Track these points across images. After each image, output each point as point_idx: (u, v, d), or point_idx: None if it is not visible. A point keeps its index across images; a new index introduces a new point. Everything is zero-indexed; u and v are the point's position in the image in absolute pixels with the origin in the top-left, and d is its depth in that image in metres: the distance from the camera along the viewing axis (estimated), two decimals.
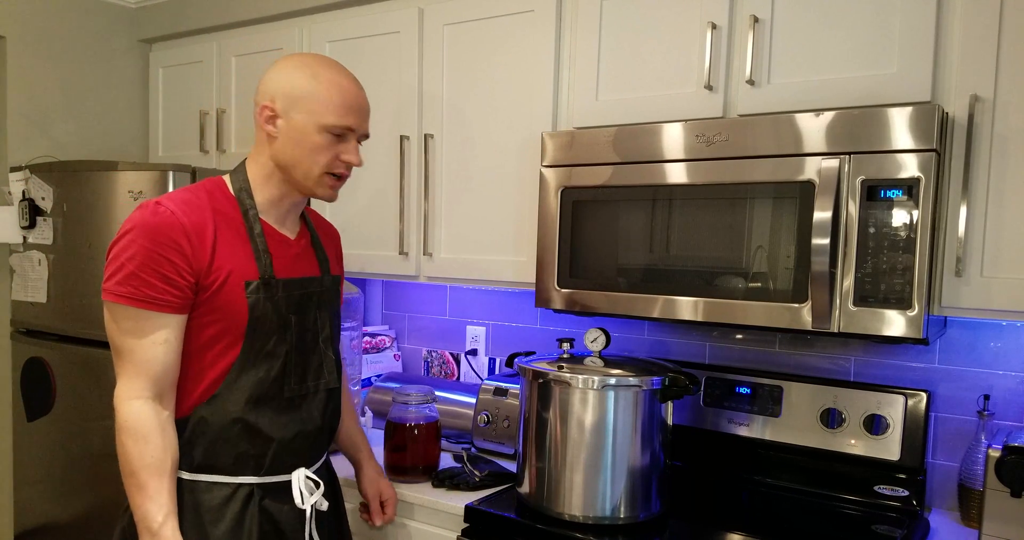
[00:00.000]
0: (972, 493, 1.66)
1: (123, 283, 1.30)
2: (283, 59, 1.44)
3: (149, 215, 1.32)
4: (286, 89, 1.38)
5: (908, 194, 1.43)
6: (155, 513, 1.31)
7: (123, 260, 1.31)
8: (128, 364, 1.32)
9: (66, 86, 2.73)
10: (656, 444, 1.62)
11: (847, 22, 1.58)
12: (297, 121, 1.38)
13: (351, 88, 1.42)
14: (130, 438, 1.31)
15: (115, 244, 1.33)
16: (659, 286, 1.69)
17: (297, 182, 1.43)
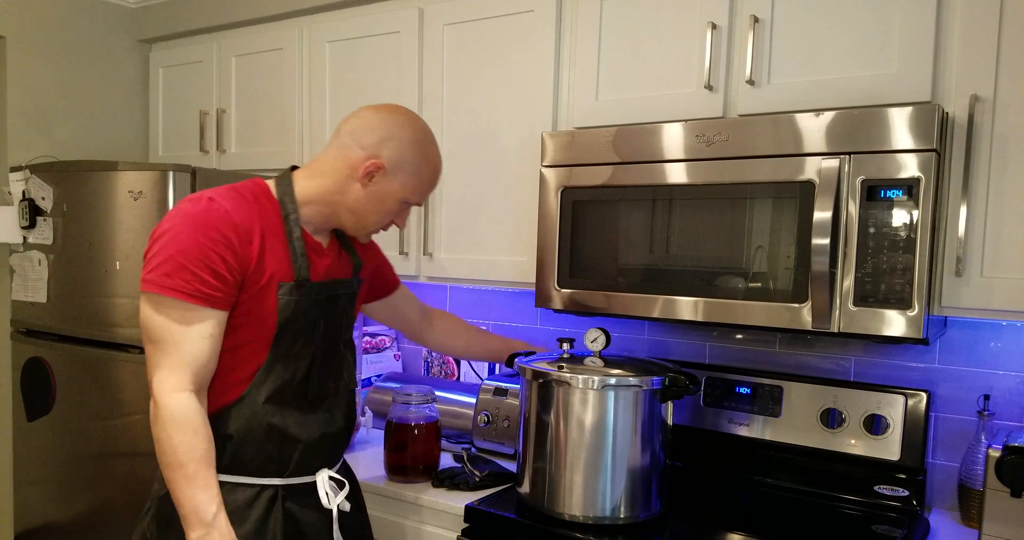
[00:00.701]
0: (972, 493, 1.66)
1: (172, 275, 1.28)
2: (399, 121, 1.43)
3: (202, 210, 1.31)
4: (399, 157, 1.41)
5: (908, 194, 1.43)
6: (208, 503, 1.29)
7: (171, 252, 1.29)
8: (171, 357, 1.30)
9: (66, 86, 2.73)
10: (656, 444, 1.62)
11: (847, 22, 1.58)
12: (390, 187, 1.43)
13: (441, 172, 1.53)
14: (179, 430, 1.28)
15: (162, 235, 1.31)
16: (659, 286, 1.69)
17: (351, 226, 1.47)
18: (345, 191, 1.42)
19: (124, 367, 2.22)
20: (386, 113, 1.44)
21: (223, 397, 1.39)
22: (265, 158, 2.52)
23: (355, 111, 1.46)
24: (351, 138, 1.42)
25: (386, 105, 1.47)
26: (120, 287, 2.22)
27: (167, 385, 1.30)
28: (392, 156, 1.41)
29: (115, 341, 2.24)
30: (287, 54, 2.45)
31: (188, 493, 1.28)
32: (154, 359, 1.31)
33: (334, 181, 1.42)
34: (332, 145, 1.44)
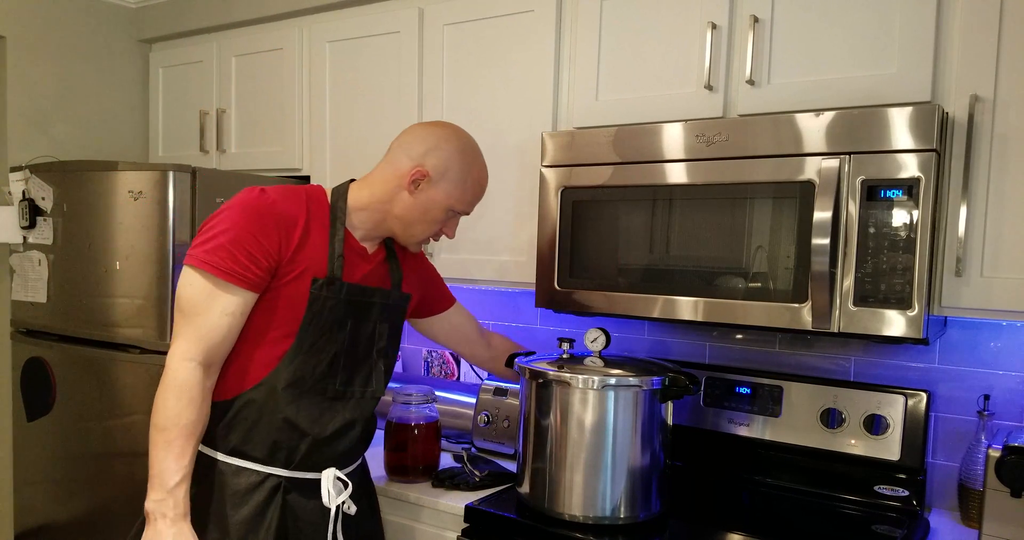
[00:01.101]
0: (972, 493, 1.66)
1: (212, 253, 1.36)
2: (446, 133, 1.51)
3: (252, 198, 1.41)
4: (444, 166, 1.49)
5: (908, 194, 1.43)
6: (174, 472, 1.33)
7: (216, 232, 1.37)
8: (191, 328, 1.37)
9: (66, 86, 2.73)
10: (656, 444, 1.62)
11: (847, 22, 1.58)
12: (435, 195, 1.49)
13: (486, 184, 1.57)
14: (174, 396, 1.34)
15: (212, 218, 1.41)
16: (659, 286, 1.69)
17: (400, 234, 1.54)
18: (394, 199, 1.50)
19: (124, 367, 2.22)
20: (434, 127, 1.53)
21: (244, 381, 1.44)
22: (265, 158, 2.52)
23: (407, 128, 1.55)
24: (400, 150, 1.50)
25: (436, 121, 1.59)
26: (120, 287, 2.22)
27: (178, 352, 1.36)
28: (437, 165, 1.48)
29: (115, 341, 2.24)
30: (287, 54, 2.45)
31: (160, 455, 1.33)
32: (177, 328, 1.38)
33: (384, 190, 1.50)
34: (384, 159, 1.53)
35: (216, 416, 1.44)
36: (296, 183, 2.43)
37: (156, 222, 2.13)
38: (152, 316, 2.16)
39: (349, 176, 2.33)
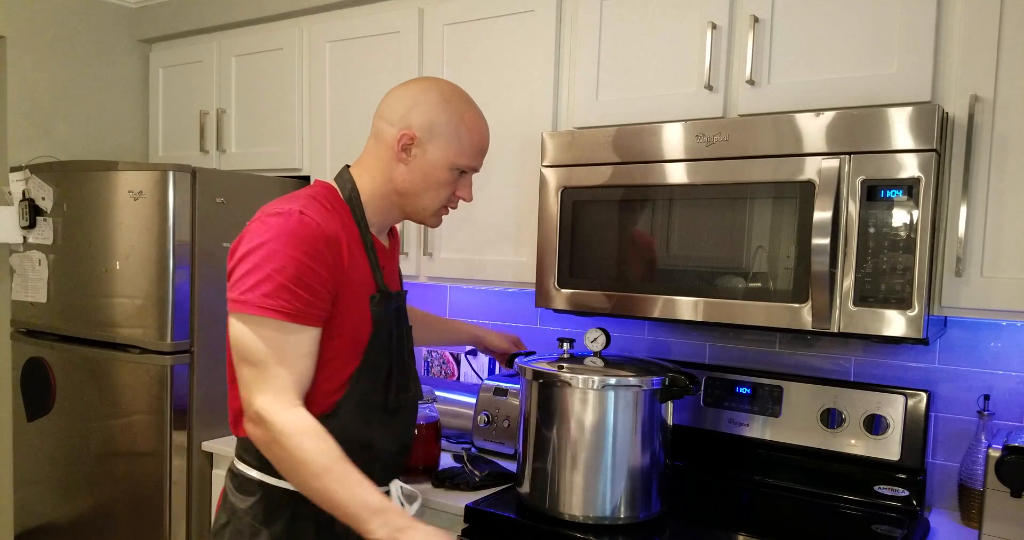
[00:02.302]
0: (972, 493, 1.66)
1: (272, 296, 1.23)
2: (422, 86, 1.39)
3: (296, 225, 1.25)
4: (429, 122, 1.35)
5: (908, 194, 1.43)
6: (370, 493, 1.21)
7: (269, 271, 1.23)
8: (276, 379, 1.24)
9: (66, 86, 2.73)
10: (656, 444, 1.62)
11: (847, 22, 1.58)
12: (432, 156, 1.36)
13: (485, 131, 1.42)
14: (308, 438, 1.21)
15: (253, 251, 1.25)
16: (659, 286, 1.69)
17: (411, 210, 1.42)
18: (392, 176, 1.38)
19: (124, 367, 2.23)
20: (408, 84, 1.40)
21: (312, 411, 1.28)
22: (265, 158, 2.52)
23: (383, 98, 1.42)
24: (381, 120, 1.39)
25: (411, 79, 1.43)
26: (120, 287, 2.22)
27: (278, 406, 1.23)
28: (421, 122, 1.35)
29: (115, 341, 2.24)
30: (287, 54, 2.45)
31: (347, 492, 1.20)
32: (255, 382, 1.24)
33: (379, 169, 1.39)
34: (370, 135, 1.41)
35: None
36: (296, 183, 2.44)
37: (156, 222, 2.13)
38: (152, 316, 2.16)
39: None
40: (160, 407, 2.16)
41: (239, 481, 1.39)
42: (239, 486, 1.39)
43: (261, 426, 1.23)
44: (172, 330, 2.14)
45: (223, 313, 2.25)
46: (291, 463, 1.22)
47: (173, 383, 2.16)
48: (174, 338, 2.15)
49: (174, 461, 2.18)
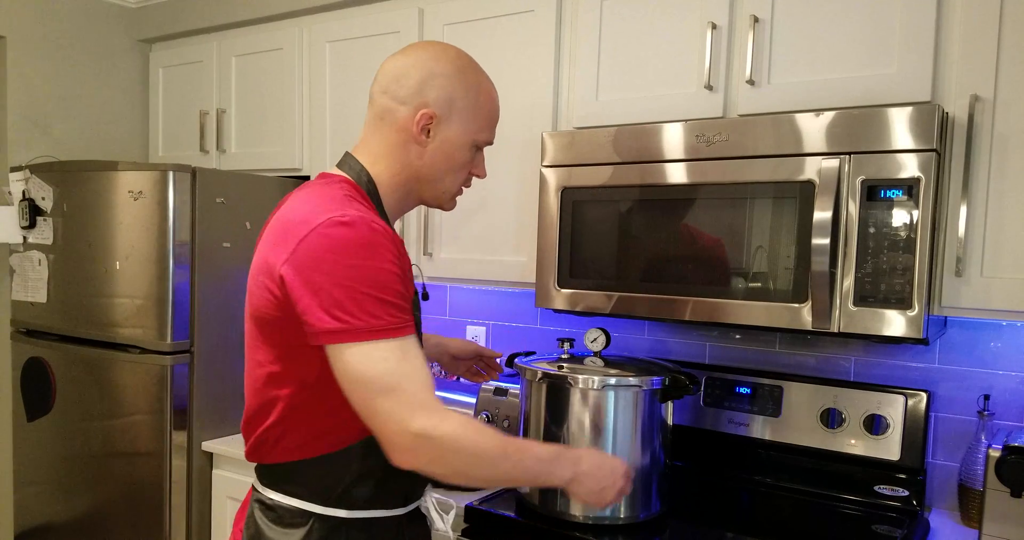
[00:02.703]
0: (972, 493, 1.66)
1: (377, 316, 1.08)
2: (430, 54, 1.22)
3: (366, 232, 1.10)
4: (447, 96, 1.21)
5: (908, 194, 1.43)
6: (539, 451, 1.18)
7: (364, 290, 1.08)
8: (415, 395, 1.10)
9: (66, 86, 2.73)
10: (656, 444, 1.62)
11: (847, 22, 1.58)
12: (452, 133, 1.23)
13: (498, 100, 1.30)
14: (476, 434, 1.11)
15: (333, 272, 1.08)
16: (659, 286, 1.69)
17: (429, 196, 1.29)
18: (409, 161, 1.24)
19: (124, 367, 2.23)
20: (413, 54, 1.22)
21: (361, 425, 1.16)
22: (265, 158, 2.52)
23: (380, 67, 1.25)
24: (387, 97, 1.22)
25: (410, 45, 1.26)
26: (120, 287, 2.22)
27: (435, 420, 1.09)
28: (439, 97, 1.21)
29: (115, 341, 2.24)
30: (287, 54, 2.45)
31: (524, 464, 1.16)
32: (399, 408, 1.08)
33: (392, 154, 1.24)
34: (370, 116, 1.25)
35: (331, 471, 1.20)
36: (296, 183, 2.44)
37: (156, 222, 2.13)
38: (152, 316, 2.16)
39: None
40: (160, 407, 2.16)
41: (277, 514, 1.22)
42: (278, 519, 1.22)
43: (427, 445, 1.09)
44: (172, 330, 2.14)
45: (223, 313, 2.25)
46: (469, 465, 1.12)
47: (173, 383, 2.16)
48: (174, 338, 2.15)
49: (174, 461, 2.18)
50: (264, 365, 1.20)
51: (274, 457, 1.23)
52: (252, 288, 1.20)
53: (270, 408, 1.21)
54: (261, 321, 1.18)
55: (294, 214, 1.15)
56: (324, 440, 1.19)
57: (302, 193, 1.21)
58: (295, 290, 1.10)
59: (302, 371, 1.17)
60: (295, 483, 1.22)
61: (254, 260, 1.23)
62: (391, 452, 1.11)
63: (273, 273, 1.13)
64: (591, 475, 1.22)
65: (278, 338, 1.17)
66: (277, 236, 1.15)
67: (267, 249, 1.16)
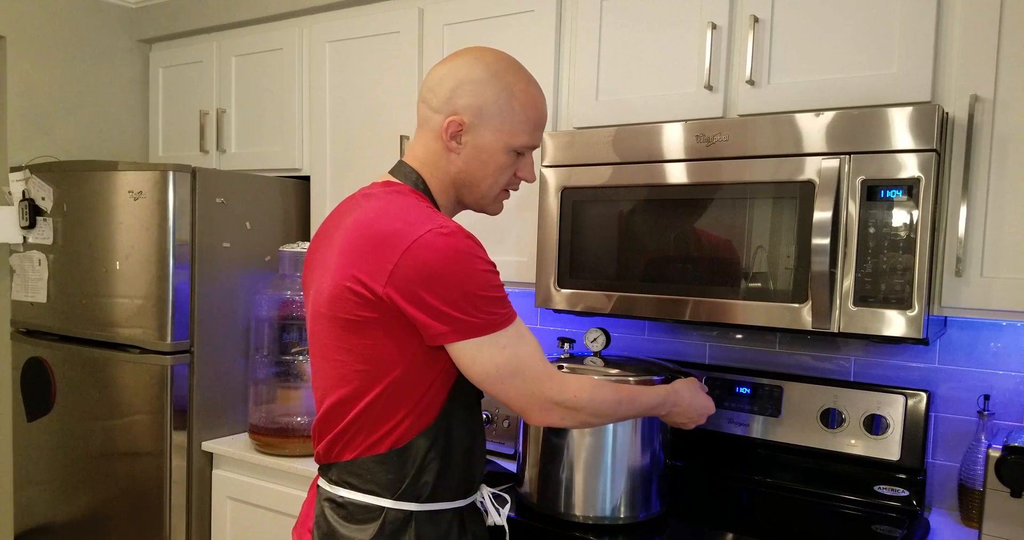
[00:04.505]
0: (972, 493, 1.66)
1: (491, 312, 1.18)
2: (464, 62, 1.26)
3: (465, 240, 1.18)
4: (477, 104, 1.24)
5: (908, 194, 1.43)
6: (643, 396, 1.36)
7: (476, 292, 1.17)
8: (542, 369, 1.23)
9: (66, 86, 2.73)
10: (656, 444, 1.62)
11: (847, 22, 1.58)
12: (484, 140, 1.26)
13: (542, 102, 1.31)
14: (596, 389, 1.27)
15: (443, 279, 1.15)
16: (659, 286, 1.69)
17: (471, 201, 1.34)
18: (447, 167, 1.29)
19: (124, 367, 2.23)
20: (450, 60, 1.27)
21: (425, 416, 1.24)
22: (265, 158, 2.52)
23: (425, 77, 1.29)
24: (425, 106, 1.28)
25: (451, 53, 1.29)
26: (120, 287, 2.22)
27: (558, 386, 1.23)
28: (469, 104, 1.24)
29: (115, 341, 2.24)
30: (287, 54, 2.45)
31: (636, 405, 1.35)
32: (527, 386, 1.21)
33: (433, 161, 1.29)
34: (417, 122, 1.31)
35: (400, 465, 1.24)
36: (296, 183, 2.44)
37: (156, 222, 2.13)
38: (152, 316, 2.16)
39: (349, 176, 2.33)
40: (160, 407, 2.16)
41: (348, 511, 1.26)
42: (349, 516, 1.26)
43: (558, 408, 1.24)
44: (172, 330, 2.14)
45: (223, 313, 2.25)
46: (592, 416, 1.28)
47: (173, 383, 2.16)
48: (174, 338, 2.15)
49: (174, 461, 2.18)
50: (346, 364, 1.24)
51: (345, 455, 1.27)
52: (332, 293, 1.22)
53: (348, 407, 1.25)
54: (346, 323, 1.22)
55: (382, 225, 1.19)
56: (393, 435, 1.24)
57: (377, 203, 1.25)
58: (409, 299, 1.16)
59: (386, 369, 1.22)
60: (365, 479, 1.26)
61: (325, 266, 1.26)
62: (529, 417, 1.25)
63: (368, 282, 1.18)
64: (683, 412, 1.46)
65: (368, 339, 1.21)
66: (364, 246, 1.19)
67: (351, 258, 1.20)
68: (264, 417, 2.15)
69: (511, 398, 1.22)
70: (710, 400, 1.52)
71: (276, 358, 2.17)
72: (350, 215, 1.27)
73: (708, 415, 1.51)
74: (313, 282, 1.30)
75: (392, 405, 1.23)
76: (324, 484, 1.31)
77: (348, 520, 1.26)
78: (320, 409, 1.30)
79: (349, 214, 1.28)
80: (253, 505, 2.16)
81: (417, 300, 1.16)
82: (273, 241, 2.39)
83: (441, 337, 1.18)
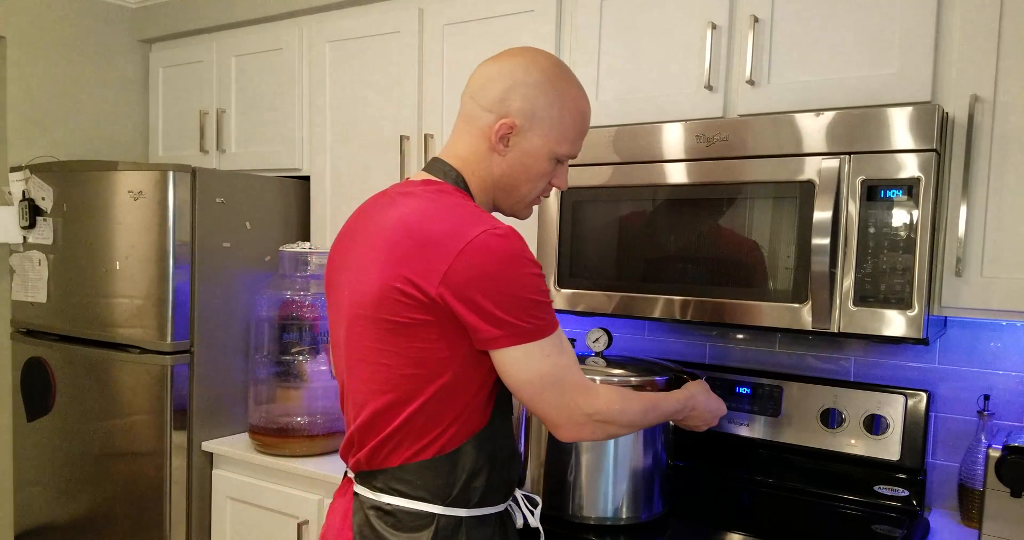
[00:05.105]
0: (972, 493, 1.66)
1: (539, 317, 1.16)
2: (520, 63, 1.23)
3: (518, 242, 1.16)
4: (530, 107, 1.22)
5: (908, 194, 1.43)
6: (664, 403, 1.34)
7: (528, 296, 1.15)
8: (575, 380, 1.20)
9: (66, 86, 2.72)
10: (659, 445, 1.62)
11: (847, 22, 1.58)
12: (531, 145, 1.24)
13: (588, 111, 1.30)
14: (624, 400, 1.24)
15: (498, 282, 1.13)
16: (659, 286, 1.69)
17: (506, 205, 1.31)
18: (489, 168, 1.25)
19: (124, 367, 2.23)
20: (505, 59, 1.24)
21: (472, 421, 1.23)
22: (265, 158, 2.52)
23: (474, 71, 1.26)
24: (473, 103, 1.25)
25: (504, 51, 1.26)
26: (120, 287, 2.22)
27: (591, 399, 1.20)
28: (522, 107, 1.21)
29: (115, 341, 2.24)
30: (287, 54, 2.45)
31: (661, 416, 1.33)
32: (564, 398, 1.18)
33: (476, 160, 1.25)
34: (460, 117, 1.27)
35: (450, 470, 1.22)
36: (296, 183, 2.44)
37: (156, 222, 2.13)
38: (152, 316, 2.16)
39: (349, 176, 2.33)
40: (160, 407, 2.16)
41: (398, 518, 1.22)
42: (398, 524, 1.22)
43: (590, 422, 1.20)
44: (172, 330, 2.14)
45: (223, 313, 2.25)
46: (620, 428, 1.25)
47: (173, 383, 2.16)
48: (174, 338, 2.15)
49: (174, 461, 2.18)
50: (392, 368, 1.20)
51: (391, 461, 1.23)
52: (378, 294, 1.18)
53: (395, 413, 1.21)
54: (394, 325, 1.17)
55: (433, 225, 1.16)
56: (441, 440, 1.21)
57: (420, 202, 1.20)
58: (463, 301, 1.13)
59: (438, 373, 1.19)
60: (415, 485, 1.22)
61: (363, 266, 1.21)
62: (561, 431, 1.21)
63: (420, 283, 1.14)
64: (698, 416, 1.45)
65: (418, 342, 1.18)
66: (413, 246, 1.15)
67: (399, 258, 1.16)
68: (264, 417, 2.15)
69: (545, 409, 1.19)
70: (722, 402, 1.52)
71: (276, 358, 2.17)
72: (386, 213, 1.23)
73: (721, 416, 1.51)
74: (346, 283, 1.26)
75: (441, 409, 1.20)
76: (366, 492, 1.26)
77: (398, 528, 1.22)
78: (361, 415, 1.24)
79: (383, 212, 1.23)
80: (253, 505, 2.16)
81: (471, 302, 1.13)
82: (273, 241, 2.39)
83: (492, 342, 1.15)
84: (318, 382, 2.17)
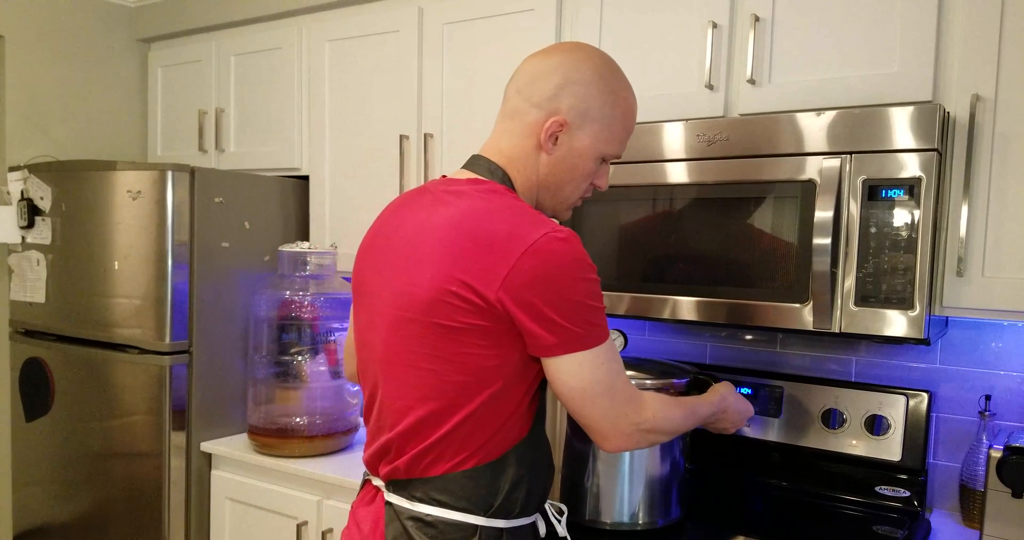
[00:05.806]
0: (973, 493, 1.65)
1: (595, 324, 1.13)
2: (572, 60, 1.19)
3: (579, 246, 1.13)
4: (582, 106, 1.18)
5: (909, 194, 1.43)
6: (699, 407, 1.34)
7: (586, 302, 1.12)
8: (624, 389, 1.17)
9: (65, 86, 2.72)
10: (676, 450, 1.60)
11: (848, 21, 1.57)
12: (579, 145, 1.20)
13: (636, 111, 1.26)
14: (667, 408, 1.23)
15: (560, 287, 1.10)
16: (660, 286, 1.69)
17: (551, 204, 1.26)
18: (535, 166, 1.21)
19: (123, 367, 2.22)
20: (555, 55, 1.19)
21: (515, 430, 1.19)
22: (264, 157, 2.52)
23: (520, 64, 1.21)
24: (521, 98, 1.20)
25: (553, 46, 1.21)
26: (119, 287, 2.21)
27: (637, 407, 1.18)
28: (574, 105, 1.17)
29: (114, 341, 2.23)
30: (286, 53, 2.45)
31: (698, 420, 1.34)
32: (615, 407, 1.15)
33: (522, 158, 1.21)
34: (502, 114, 1.22)
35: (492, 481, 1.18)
36: (295, 183, 2.43)
37: (155, 222, 2.13)
38: (151, 316, 2.15)
39: (348, 176, 2.32)
40: (159, 407, 2.16)
41: (439, 529, 1.18)
42: (439, 535, 1.18)
43: (638, 432, 1.18)
44: (171, 330, 2.14)
45: (222, 313, 2.25)
46: (664, 435, 1.24)
47: (172, 383, 2.15)
48: (173, 338, 2.14)
49: (173, 461, 2.17)
50: (440, 375, 1.15)
51: (434, 470, 1.19)
52: (431, 296, 1.13)
53: (441, 421, 1.17)
54: (446, 330, 1.13)
55: (491, 226, 1.11)
56: (484, 449, 1.18)
57: (474, 202, 1.16)
58: (522, 306, 1.09)
59: (488, 382, 1.15)
60: (456, 495, 1.18)
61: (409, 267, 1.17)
62: (605, 442, 1.18)
63: (478, 287, 1.10)
64: (728, 418, 1.47)
65: (469, 348, 1.14)
66: (469, 248, 1.11)
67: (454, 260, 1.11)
68: (263, 417, 2.15)
69: (595, 418, 1.15)
70: (749, 403, 1.52)
71: (275, 358, 2.16)
72: (435, 212, 1.18)
73: (749, 417, 1.52)
74: (384, 284, 1.21)
75: (488, 418, 1.16)
76: (402, 502, 1.20)
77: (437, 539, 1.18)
78: (402, 422, 1.19)
79: (431, 211, 1.18)
80: (252, 506, 2.16)
81: (530, 308, 1.09)
82: (272, 241, 2.38)
83: (549, 349, 1.12)
84: (317, 382, 2.17)
